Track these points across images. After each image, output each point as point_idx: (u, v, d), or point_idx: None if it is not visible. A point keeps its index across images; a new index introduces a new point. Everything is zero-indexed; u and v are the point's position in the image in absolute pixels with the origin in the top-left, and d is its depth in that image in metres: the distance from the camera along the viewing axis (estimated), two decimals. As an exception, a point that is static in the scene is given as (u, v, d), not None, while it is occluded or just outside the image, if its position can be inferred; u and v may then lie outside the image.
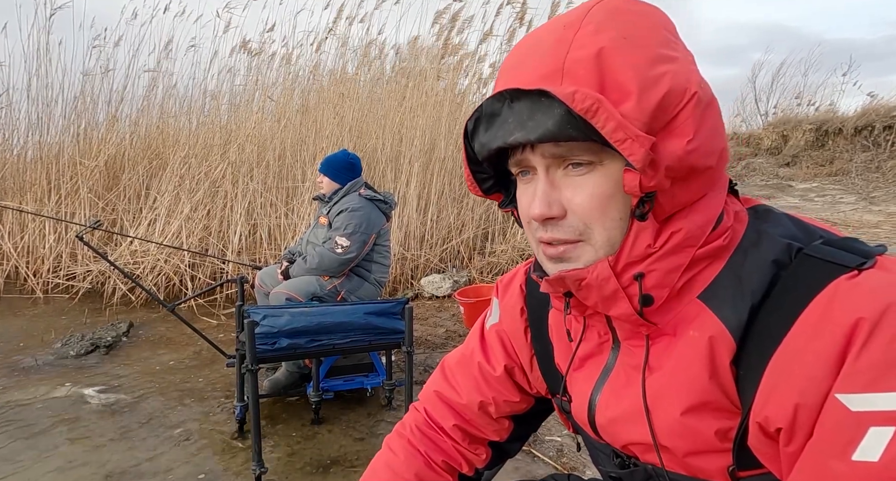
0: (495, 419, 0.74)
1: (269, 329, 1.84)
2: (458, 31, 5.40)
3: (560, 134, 0.45)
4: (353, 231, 2.48)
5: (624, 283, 0.49)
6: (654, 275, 0.48)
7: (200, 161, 4.58)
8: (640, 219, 0.47)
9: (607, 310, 0.51)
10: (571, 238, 0.49)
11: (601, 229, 0.48)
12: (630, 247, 0.48)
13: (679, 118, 0.45)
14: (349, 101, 4.88)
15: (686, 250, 0.48)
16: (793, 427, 0.42)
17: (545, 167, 0.49)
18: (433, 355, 3.11)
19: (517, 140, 0.47)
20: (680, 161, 0.45)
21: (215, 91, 5.10)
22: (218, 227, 4.44)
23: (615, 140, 0.42)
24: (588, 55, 0.44)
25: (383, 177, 4.69)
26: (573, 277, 0.50)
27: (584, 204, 0.48)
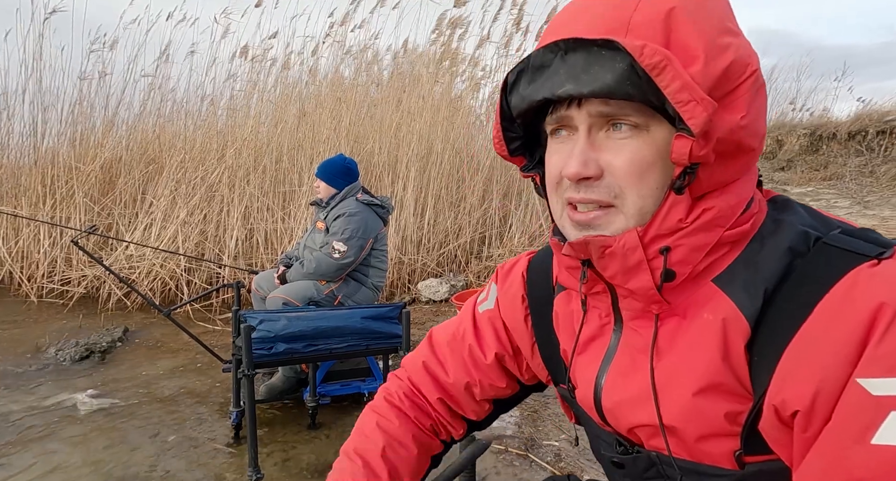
0: (478, 401, 0.74)
1: (265, 333, 1.83)
2: (458, 38, 5.44)
3: (617, 89, 0.43)
4: (351, 236, 2.47)
5: (649, 256, 0.48)
6: (680, 250, 0.48)
7: (197, 165, 4.57)
8: (677, 191, 0.46)
9: (625, 283, 0.50)
10: (605, 199, 0.48)
11: (635, 197, 0.47)
12: (662, 219, 0.47)
13: (737, 92, 0.44)
14: (346, 106, 4.88)
15: (715, 229, 0.47)
16: (811, 411, 0.41)
17: (587, 126, 0.48)
18: (430, 360, 3.10)
19: (567, 92, 0.45)
20: (731, 134, 0.44)
21: (213, 95, 5.11)
22: (214, 232, 4.42)
23: (678, 101, 0.41)
24: (657, 13, 0.43)
25: (380, 181, 4.69)
26: (599, 243, 0.48)
27: (622, 167, 0.47)
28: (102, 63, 4.83)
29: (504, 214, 5.02)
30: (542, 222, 5.05)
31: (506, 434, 2.25)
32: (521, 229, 4.98)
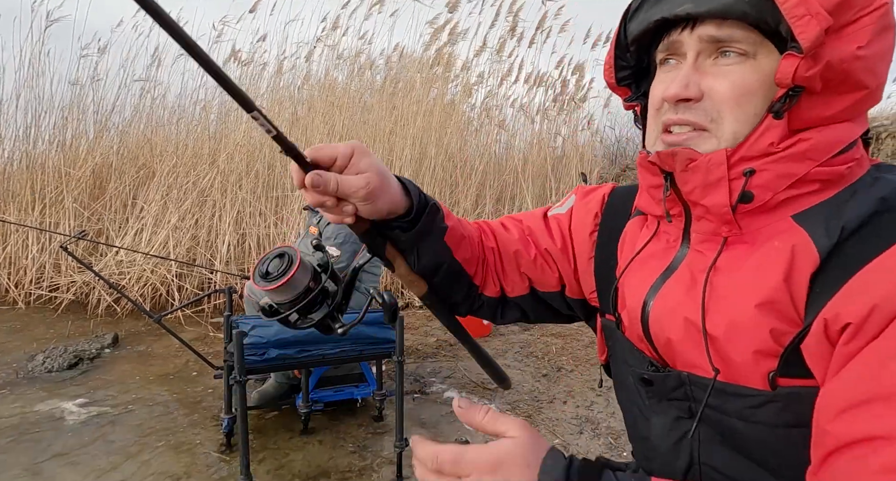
0: (520, 273, 0.73)
1: (257, 339, 1.82)
2: (451, 43, 5.47)
3: (734, 8, 0.44)
4: (344, 241, 2.46)
5: (731, 176, 0.48)
6: (764, 174, 0.47)
7: (189, 170, 4.54)
8: (776, 115, 0.46)
9: (702, 198, 0.50)
10: (700, 122, 0.48)
11: (731, 120, 0.47)
12: (753, 140, 0.47)
13: (859, 23, 0.43)
14: (339, 111, 4.89)
15: (806, 162, 0.47)
16: (862, 325, 0.41)
17: (696, 52, 0.48)
18: (423, 364, 3.09)
19: (684, 11, 0.47)
20: (842, 63, 0.43)
21: (205, 100, 5.09)
22: (206, 237, 4.39)
23: (793, 16, 0.41)
24: None
25: (373, 186, 4.69)
26: (685, 155, 0.49)
27: (723, 91, 0.47)
28: (94, 68, 4.81)
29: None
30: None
31: (500, 439, 2.24)
32: (514, 233, 5.00)
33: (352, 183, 0.52)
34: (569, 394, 2.65)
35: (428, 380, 2.86)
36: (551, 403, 2.57)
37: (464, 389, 2.75)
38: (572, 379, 2.84)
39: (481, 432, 0.48)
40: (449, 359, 3.16)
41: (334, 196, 0.52)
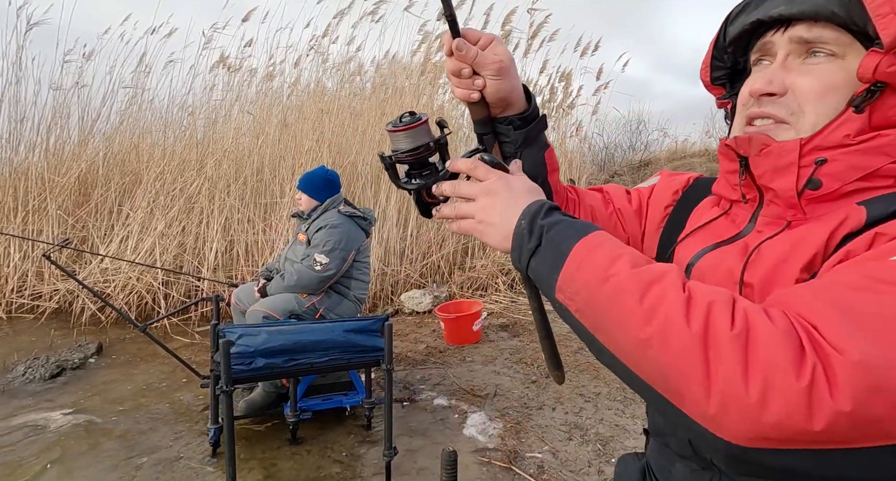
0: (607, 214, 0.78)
1: (245, 348, 1.80)
2: (439, 49, 5.50)
3: (824, 8, 0.47)
4: (333, 248, 2.46)
5: (802, 163, 0.50)
6: (835, 164, 0.49)
7: (176, 177, 4.51)
8: (856, 109, 0.48)
9: (771, 182, 0.52)
10: (781, 115, 0.51)
11: (812, 113, 0.50)
12: (829, 131, 0.49)
13: None
14: (328, 117, 4.88)
15: (881, 156, 0.48)
16: (867, 249, 0.44)
17: (786, 53, 0.51)
18: (413, 372, 3.08)
19: (778, 12, 0.50)
20: None
21: (193, 106, 5.06)
22: (193, 244, 4.35)
23: (878, 14, 0.44)
24: None
25: (363, 192, 4.68)
26: (760, 140, 0.51)
27: (806, 86, 0.50)
28: (80, 74, 4.76)
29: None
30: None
31: (489, 447, 2.24)
32: (503, 240, 5.01)
33: (488, 56, 0.60)
34: (557, 401, 2.66)
35: (417, 388, 2.86)
36: (540, 410, 2.57)
37: (453, 396, 2.74)
38: (561, 385, 2.86)
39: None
40: (438, 366, 3.16)
41: (471, 65, 0.60)
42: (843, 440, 0.34)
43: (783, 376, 0.34)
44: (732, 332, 0.36)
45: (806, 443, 0.35)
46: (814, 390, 0.33)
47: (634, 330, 0.40)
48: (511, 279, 4.80)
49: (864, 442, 0.34)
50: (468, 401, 2.68)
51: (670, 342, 0.38)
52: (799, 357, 0.35)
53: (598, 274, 0.44)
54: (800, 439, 0.35)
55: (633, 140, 13.50)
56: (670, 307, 0.39)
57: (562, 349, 3.40)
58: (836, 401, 0.33)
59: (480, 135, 0.66)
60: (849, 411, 0.33)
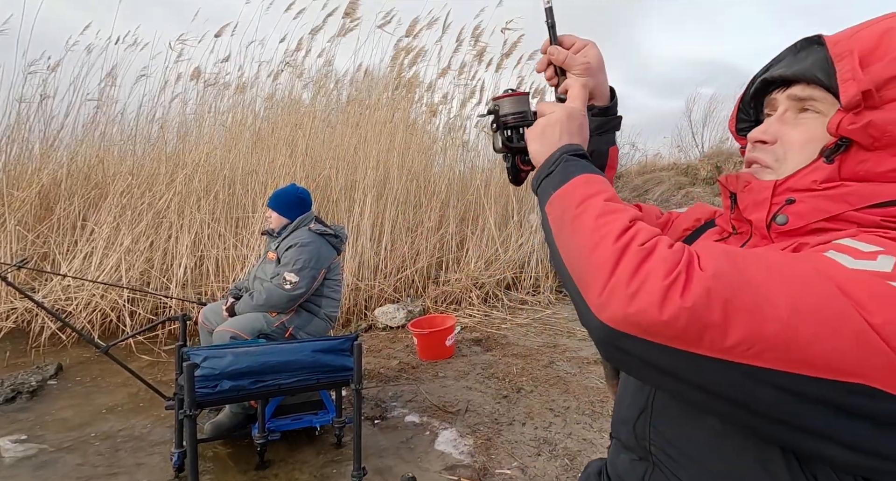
0: None
1: (210, 371, 1.78)
2: (411, 64, 5.57)
3: (809, 72, 0.56)
4: (303, 266, 2.45)
5: (775, 200, 0.58)
6: (802, 205, 0.56)
7: (144, 191, 4.42)
8: (825, 158, 0.55)
9: (750, 214, 0.61)
10: (768, 160, 0.60)
11: (793, 160, 0.58)
12: (800, 176, 0.57)
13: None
14: (302, 131, 4.88)
15: (842, 203, 0.54)
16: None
17: (785, 108, 0.60)
18: (385, 388, 3.07)
19: (780, 73, 0.60)
20: (886, 125, 0.51)
21: (163, 119, 4.98)
22: (161, 260, 4.26)
23: (842, 80, 0.52)
24: (879, 29, 0.54)
25: (337, 207, 4.68)
26: (745, 178, 0.62)
27: (793, 137, 0.58)
28: (42, 85, 4.64)
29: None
30: (498, 246, 5.16)
31: (459, 464, 2.25)
32: (477, 253, 5.07)
33: (578, 59, 0.74)
34: (528, 416, 2.69)
35: (389, 405, 2.85)
36: (511, 425, 2.60)
37: (424, 413, 2.74)
38: (531, 400, 2.89)
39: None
40: (410, 382, 3.16)
41: (561, 64, 0.74)
42: (684, 337, 0.42)
43: (655, 278, 0.43)
44: (641, 247, 0.47)
45: (657, 334, 0.43)
46: (671, 289, 0.42)
47: (582, 234, 0.51)
48: (485, 293, 4.84)
49: (700, 346, 0.42)
50: (439, 418, 2.69)
51: (599, 249, 0.48)
52: (673, 266, 0.44)
53: (581, 195, 0.55)
54: (653, 328, 0.43)
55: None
56: (612, 228, 0.50)
57: (532, 362, 3.44)
58: (682, 299, 0.42)
59: None
60: (689, 307, 0.41)
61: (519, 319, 4.47)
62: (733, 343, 0.41)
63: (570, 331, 4.15)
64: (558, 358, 3.54)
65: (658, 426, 0.62)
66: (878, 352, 0.40)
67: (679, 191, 10.37)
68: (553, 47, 0.74)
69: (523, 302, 4.90)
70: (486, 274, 4.91)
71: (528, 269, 5.18)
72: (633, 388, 0.68)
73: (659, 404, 0.62)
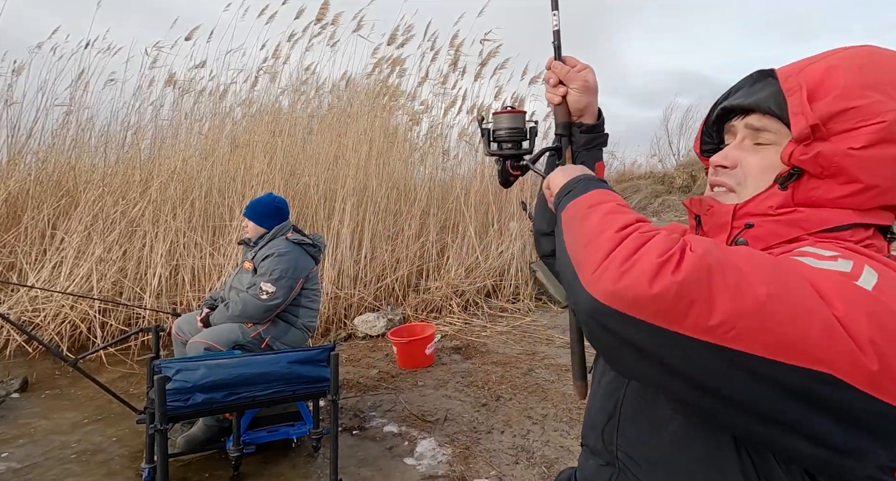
0: None
1: (182, 384, 1.75)
2: (397, 74, 5.60)
3: (763, 103, 0.60)
4: (280, 276, 2.44)
5: (735, 224, 0.62)
6: (759, 229, 0.60)
7: (117, 199, 4.32)
8: (780, 185, 0.59)
9: (713, 236, 0.65)
10: (729, 183, 0.64)
11: (752, 185, 0.62)
12: (757, 202, 0.61)
13: (857, 131, 0.55)
14: (281, 139, 4.85)
15: (795, 228, 0.58)
16: None
17: (743, 136, 0.64)
18: (364, 398, 3.06)
19: (738, 103, 0.64)
20: (833, 156, 0.55)
21: (137, 126, 4.90)
22: (135, 269, 4.16)
23: (793, 113, 0.56)
24: (824, 66, 0.58)
25: (316, 215, 4.65)
26: (707, 202, 0.66)
27: (752, 164, 0.62)
28: (8, 89, 4.52)
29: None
30: (478, 254, 5.19)
31: (437, 474, 2.25)
32: (458, 261, 5.08)
33: (578, 77, 0.81)
34: (506, 424, 2.71)
35: (368, 415, 2.83)
36: (489, 433, 2.61)
37: (403, 423, 2.74)
38: (510, 408, 2.90)
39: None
40: (390, 392, 3.14)
41: (562, 78, 0.82)
42: (671, 313, 0.44)
43: (649, 256, 0.46)
44: (640, 233, 0.50)
45: (644, 309, 0.45)
46: (665, 266, 0.45)
47: (588, 228, 0.54)
48: (465, 301, 4.86)
49: (684, 324, 0.44)
50: (418, 428, 2.68)
51: (602, 236, 0.51)
52: (668, 249, 0.47)
53: (595, 199, 0.60)
54: (640, 302, 0.45)
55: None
56: (618, 220, 0.53)
57: (511, 370, 3.47)
58: (674, 275, 0.44)
59: (559, 135, 0.85)
60: (680, 280, 0.44)
61: (499, 327, 4.49)
62: (716, 322, 0.43)
63: (548, 339, 4.19)
64: (537, 365, 3.57)
65: (625, 432, 0.64)
66: (841, 340, 0.42)
67: (656, 199, 10.60)
68: (557, 63, 0.82)
69: (503, 309, 4.93)
70: (466, 282, 4.93)
71: (508, 277, 5.23)
72: (602, 394, 0.71)
73: (627, 410, 0.65)
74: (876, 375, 0.42)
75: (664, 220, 9.78)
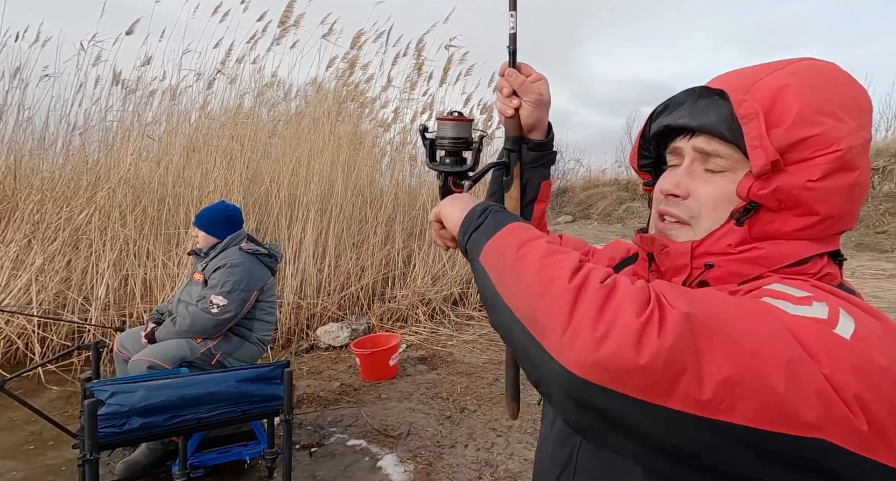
0: None
1: (117, 408, 1.62)
2: (367, 79, 5.51)
3: (715, 128, 0.55)
4: (232, 289, 2.32)
5: (695, 264, 0.57)
6: (720, 270, 0.56)
7: (61, 206, 4.07)
8: (736, 221, 0.55)
9: (671, 277, 0.60)
10: (682, 216, 0.59)
11: (707, 219, 0.57)
12: (715, 239, 0.56)
13: (814, 161, 0.51)
14: (240, 143, 4.68)
15: (757, 266, 0.55)
16: None
17: (691, 159, 0.59)
18: (325, 413, 2.95)
19: (683, 123, 0.58)
20: (792, 189, 0.52)
21: (85, 126, 4.63)
22: (80, 280, 3.91)
23: (751, 146, 0.51)
24: (773, 85, 0.53)
25: (277, 223, 4.50)
26: (661, 242, 0.60)
27: (704, 194, 0.57)
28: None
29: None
30: (445, 262, 5.14)
31: (397, 492, 2.17)
32: (424, 269, 5.02)
33: (533, 88, 0.76)
34: (470, 437, 2.65)
35: (328, 431, 2.73)
36: (453, 447, 2.54)
37: (365, 438, 2.64)
38: (475, 420, 2.85)
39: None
40: (352, 405, 3.04)
41: (517, 89, 0.75)
42: (659, 386, 0.38)
43: (626, 315, 0.40)
44: (601, 284, 0.44)
45: (629, 382, 0.39)
46: (647, 327, 0.39)
47: (529, 275, 0.47)
48: (431, 309, 4.80)
49: (672, 398, 0.38)
50: (380, 443, 2.60)
51: (552, 289, 0.44)
52: (644, 303, 0.41)
53: (518, 241, 0.52)
54: (627, 375, 0.38)
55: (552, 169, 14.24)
56: (564, 264, 0.46)
57: (476, 380, 3.42)
58: (661, 339, 0.38)
59: (508, 150, 0.79)
60: (668, 347, 0.38)
61: (465, 335, 4.45)
62: (708, 396, 0.38)
63: (515, 347, 4.17)
64: (502, 375, 3.53)
65: (582, 470, 0.60)
66: (833, 403, 0.38)
67: (620, 206, 10.85)
68: (512, 71, 0.75)
69: (470, 317, 4.90)
70: (433, 289, 4.87)
71: (475, 285, 5.19)
72: (555, 440, 0.66)
73: (583, 462, 0.61)
74: (866, 435, 0.38)
75: (628, 227, 9.99)
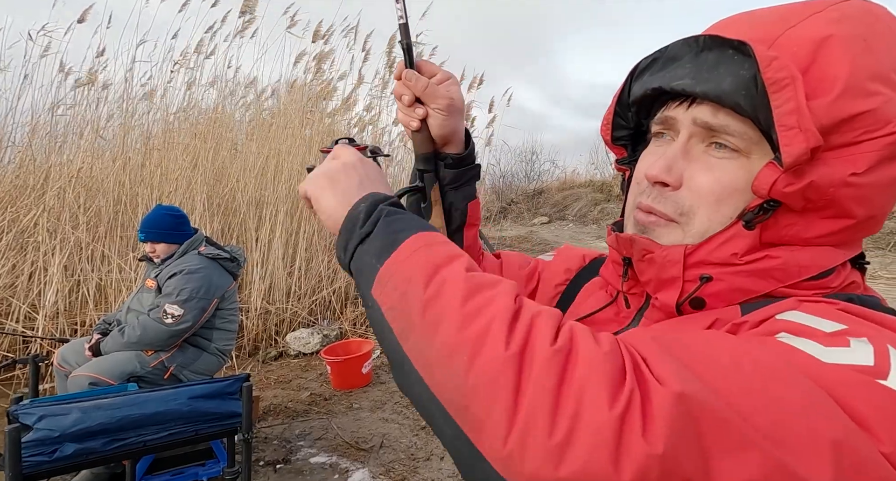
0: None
1: (47, 434, 1.44)
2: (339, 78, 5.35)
3: (729, 96, 0.39)
4: (189, 297, 2.13)
5: (688, 277, 0.44)
6: (720, 284, 0.43)
7: (5, 207, 3.77)
8: (746, 224, 0.42)
9: (655, 292, 0.47)
10: (669, 214, 0.45)
11: (704, 218, 0.43)
12: (716, 245, 0.43)
13: (861, 147, 0.38)
14: (203, 141, 4.45)
15: (769, 280, 0.42)
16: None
17: (689, 135, 0.44)
18: (293, 425, 2.78)
19: (681, 86, 0.42)
20: (829, 186, 0.39)
21: (34, 122, 4.32)
22: (27, 286, 3.63)
23: (782, 124, 0.37)
24: (812, 36, 0.39)
25: (244, 225, 4.29)
26: (642, 245, 0.46)
27: (705, 185, 0.43)
28: None
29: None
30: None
31: (368, 512, 2.03)
32: (399, 271, 4.88)
33: (440, 91, 0.59)
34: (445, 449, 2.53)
35: (295, 445, 2.56)
36: (428, 460, 2.42)
37: (335, 452, 2.49)
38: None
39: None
40: (321, 417, 2.89)
41: (420, 95, 0.59)
42: None
43: (594, 406, 0.28)
44: (552, 348, 0.31)
45: None
46: (626, 422, 0.27)
47: (447, 333, 0.33)
48: (407, 312, 4.66)
49: None
50: (351, 457, 2.45)
51: (483, 351, 0.31)
52: (618, 380, 0.29)
53: (426, 269, 0.37)
54: None
55: (528, 170, 14.33)
56: (495, 312, 0.33)
57: (454, 388, 3.31)
58: (648, 441, 0.26)
59: (421, 171, 0.64)
60: (660, 454, 0.26)
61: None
62: None
63: (492, 350, 4.08)
64: (480, 380, 3.44)
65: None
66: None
67: (595, 207, 10.91)
68: (410, 72, 0.58)
69: (446, 320, 4.79)
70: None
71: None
72: None
73: None
74: None
75: (604, 228, 10.06)
